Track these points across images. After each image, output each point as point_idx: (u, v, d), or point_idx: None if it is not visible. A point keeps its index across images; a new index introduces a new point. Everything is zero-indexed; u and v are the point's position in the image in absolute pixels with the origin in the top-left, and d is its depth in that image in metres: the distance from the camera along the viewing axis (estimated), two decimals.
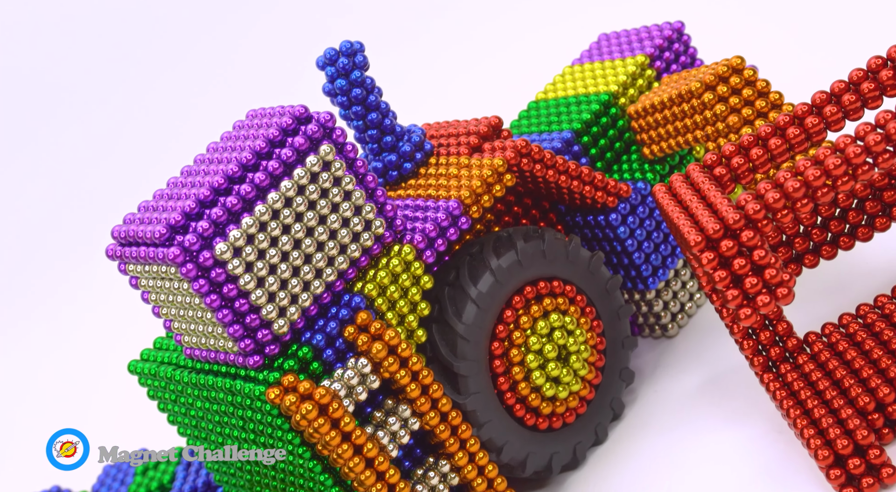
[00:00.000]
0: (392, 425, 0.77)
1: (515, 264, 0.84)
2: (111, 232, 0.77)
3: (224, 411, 0.79)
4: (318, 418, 0.72)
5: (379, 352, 0.76)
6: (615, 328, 0.90)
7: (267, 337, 0.74)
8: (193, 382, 0.80)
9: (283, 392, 0.73)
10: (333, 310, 0.77)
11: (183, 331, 0.79)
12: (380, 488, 0.74)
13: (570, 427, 0.87)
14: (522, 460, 0.84)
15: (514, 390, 0.84)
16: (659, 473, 0.83)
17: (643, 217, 0.93)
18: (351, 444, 0.73)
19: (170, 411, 0.87)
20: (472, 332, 0.82)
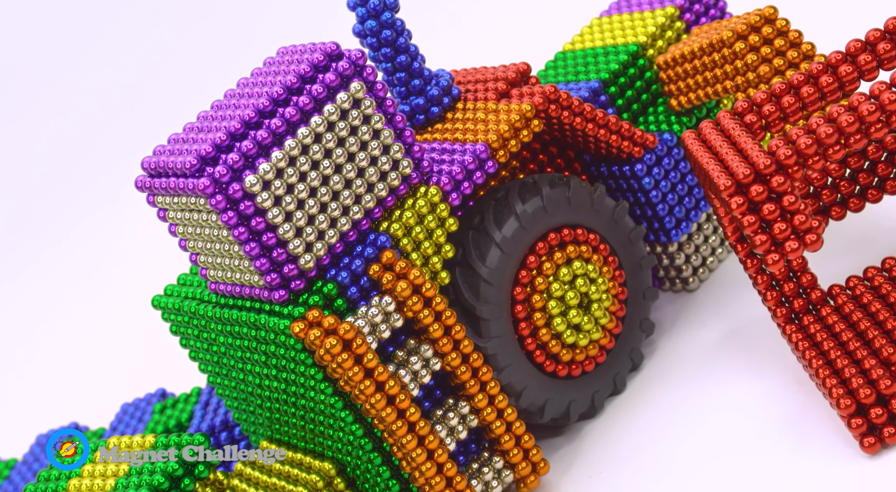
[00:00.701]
0: (414, 364, 0.77)
1: (540, 210, 0.84)
2: (141, 163, 0.77)
3: (247, 346, 0.80)
4: (342, 354, 0.73)
5: (403, 291, 0.76)
6: (637, 279, 0.90)
7: (293, 272, 0.74)
8: (217, 316, 0.80)
9: (307, 327, 0.73)
10: (359, 248, 0.77)
11: (209, 265, 0.80)
12: (400, 426, 0.75)
13: (589, 376, 0.88)
14: (541, 406, 0.85)
15: (535, 336, 0.85)
16: (677, 423, 0.84)
17: (668, 169, 0.93)
18: (373, 380, 0.74)
19: (191, 347, 0.88)
20: (495, 276, 0.82)
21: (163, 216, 0.79)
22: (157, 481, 0.69)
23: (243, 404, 0.88)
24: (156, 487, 0.69)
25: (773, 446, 0.76)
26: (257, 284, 0.76)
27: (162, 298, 0.87)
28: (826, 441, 0.73)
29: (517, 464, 0.81)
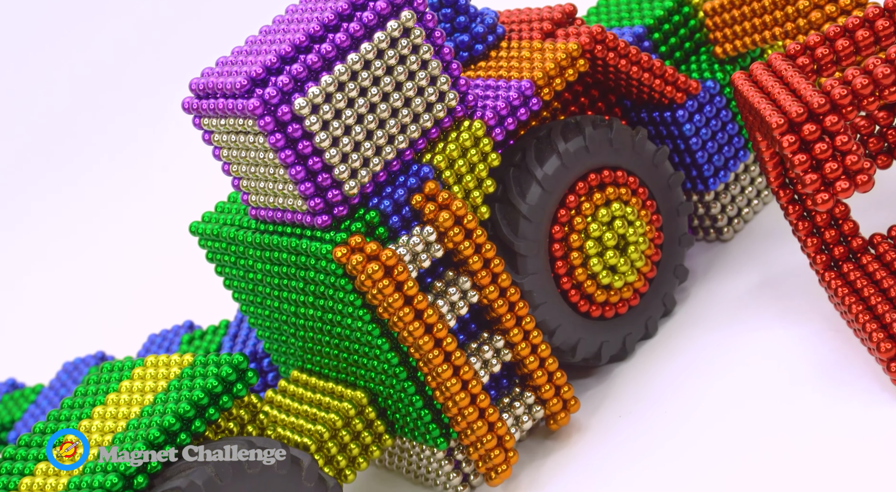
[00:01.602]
0: (451, 295, 0.77)
1: (582, 150, 0.84)
2: (189, 85, 0.77)
3: (285, 273, 0.80)
4: (383, 279, 0.73)
5: (445, 221, 0.76)
6: (673, 224, 0.90)
7: (337, 197, 0.75)
8: (257, 242, 0.81)
9: (349, 252, 0.73)
10: (402, 178, 0.77)
11: (251, 189, 0.80)
12: (436, 355, 0.75)
13: (622, 318, 0.88)
14: (573, 345, 0.85)
15: (571, 276, 0.85)
16: (708, 368, 0.84)
17: (709, 116, 0.93)
18: (412, 308, 0.74)
19: (226, 275, 0.88)
20: (534, 212, 0.82)
21: (208, 139, 0.79)
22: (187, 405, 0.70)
23: (275, 334, 0.89)
24: (190, 406, 0.70)
25: (808, 392, 0.76)
26: (300, 208, 0.76)
27: (200, 224, 0.87)
28: (863, 386, 0.73)
29: (548, 400, 0.81)
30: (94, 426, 0.72)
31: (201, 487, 0.66)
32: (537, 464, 0.82)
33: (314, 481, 0.72)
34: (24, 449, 0.72)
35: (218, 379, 0.71)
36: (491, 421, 0.78)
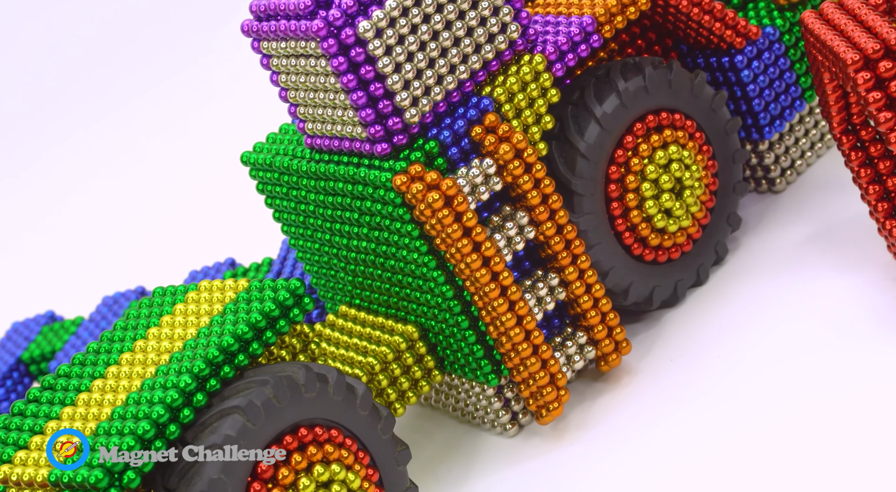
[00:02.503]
0: (508, 230, 0.77)
1: (641, 90, 0.83)
2: (249, 6, 0.76)
3: (339, 203, 0.79)
4: (443, 209, 0.72)
5: (506, 153, 0.75)
6: (728, 171, 0.89)
7: (397, 125, 0.74)
8: (312, 171, 0.80)
9: (409, 180, 0.73)
10: (461, 109, 0.76)
11: (308, 117, 0.79)
12: (493, 288, 0.75)
13: (674, 264, 0.87)
14: (625, 288, 0.84)
15: (626, 217, 0.84)
16: (761, 316, 0.83)
17: (768, 63, 0.91)
18: (471, 240, 0.74)
19: (277, 207, 0.87)
20: (592, 151, 0.81)
21: (266, 64, 0.78)
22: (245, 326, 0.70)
23: (323, 269, 0.88)
24: (248, 328, 0.70)
25: (863, 341, 0.76)
26: (359, 136, 0.75)
27: (251, 154, 0.87)
28: None
29: (600, 341, 0.81)
30: (149, 347, 0.72)
31: (260, 407, 0.66)
32: (587, 405, 0.82)
33: (368, 410, 0.72)
34: (78, 367, 0.72)
35: (275, 303, 0.71)
36: (544, 358, 0.77)
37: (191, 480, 0.63)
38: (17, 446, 0.66)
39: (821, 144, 0.97)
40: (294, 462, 0.67)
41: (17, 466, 0.64)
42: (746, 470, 0.71)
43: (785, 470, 0.69)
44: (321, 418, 0.69)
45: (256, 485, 0.65)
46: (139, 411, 0.64)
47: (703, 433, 0.75)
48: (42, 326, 1.17)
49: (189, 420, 0.65)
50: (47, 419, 0.68)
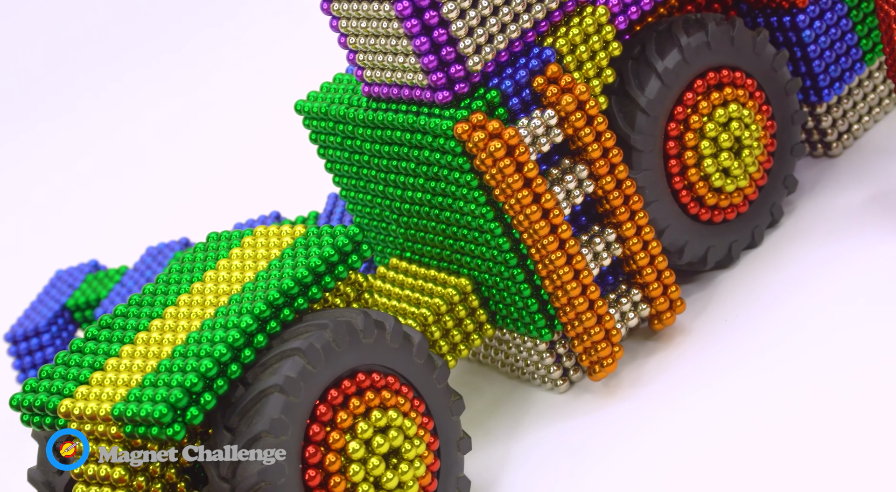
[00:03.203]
0: (568, 183, 0.76)
1: (704, 46, 0.81)
2: None
3: (396, 152, 0.79)
4: (505, 159, 0.72)
5: (568, 105, 0.74)
6: (786, 133, 0.88)
7: (459, 73, 0.73)
8: (369, 119, 0.79)
9: (471, 129, 0.72)
10: (523, 60, 0.75)
11: (367, 64, 0.78)
12: (551, 241, 0.74)
13: (729, 224, 0.86)
14: (681, 247, 0.83)
15: (684, 176, 0.83)
16: (817, 280, 0.82)
17: (830, 24, 0.90)
18: (531, 191, 0.73)
19: (329, 157, 0.87)
20: (652, 106, 0.80)
21: (327, 8, 0.77)
22: (305, 270, 0.69)
23: (375, 221, 0.88)
24: (308, 272, 0.69)
25: None
26: (420, 83, 0.74)
27: (305, 103, 0.86)
28: None
29: (655, 299, 0.80)
30: (206, 289, 0.72)
31: (319, 350, 0.66)
32: (639, 363, 0.81)
33: (423, 359, 0.72)
34: (136, 307, 0.72)
35: (334, 248, 0.71)
36: (600, 313, 0.77)
37: (252, 419, 0.63)
38: (77, 382, 0.67)
39: (878, 109, 0.95)
40: (352, 406, 0.67)
41: (80, 400, 0.65)
42: (800, 435, 0.70)
43: (839, 437, 0.69)
44: (378, 365, 0.69)
45: (315, 427, 0.65)
46: (200, 349, 0.64)
47: (756, 396, 0.75)
48: (86, 275, 1.18)
49: (250, 361, 0.65)
50: (106, 357, 0.68)
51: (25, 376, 1.10)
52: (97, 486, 0.65)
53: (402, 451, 0.68)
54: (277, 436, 0.63)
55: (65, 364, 0.69)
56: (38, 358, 1.11)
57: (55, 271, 1.21)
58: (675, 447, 0.74)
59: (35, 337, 1.11)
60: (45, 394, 0.67)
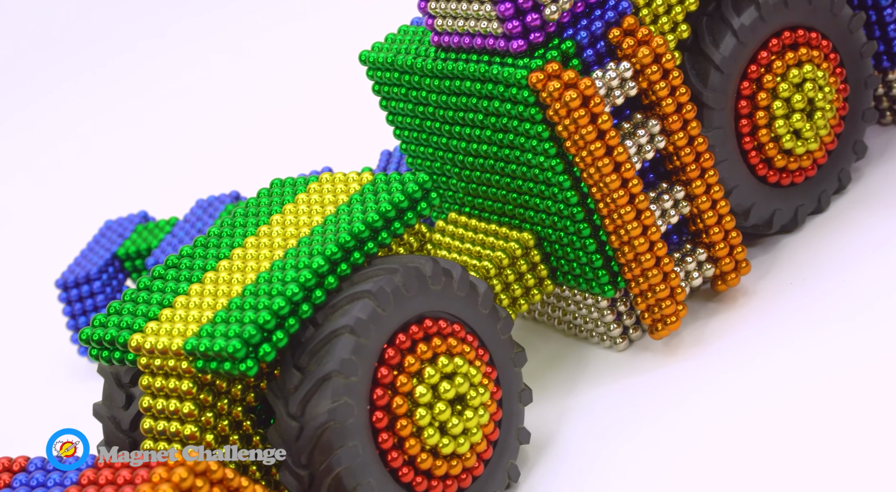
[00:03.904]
0: (640, 137, 0.75)
1: (781, 4, 0.80)
2: None
3: (464, 103, 0.78)
4: (580, 109, 0.71)
5: (644, 57, 0.73)
6: (858, 97, 0.86)
7: (535, 22, 0.72)
8: (438, 69, 0.79)
9: (546, 78, 0.71)
10: (599, 11, 0.74)
11: (439, 12, 0.77)
12: (621, 195, 0.73)
13: (796, 188, 0.85)
14: (747, 209, 0.82)
15: (754, 136, 0.82)
16: (881, 247, 0.81)
17: None
18: (604, 143, 0.72)
19: (392, 109, 0.86)
20: (726, 64, 0.79)
21: None
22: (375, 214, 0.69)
23: (436, 174, 0.87)
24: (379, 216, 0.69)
25: None
26: (495, 32, 0.74)
27: (370, 53, 0.85)
28: None
29: (721, 259, 0.79)
30: (273, 232, 0.72)
31: (389, 294, 0.65)
32: (701, 324, 0.81)
33: (489, 309, 0.71)
34: (202, 249, 0.72)
35: (404, 194, 0.70)
36: (666, 271, 0.76)
37: (322, 359, 0.63)
38: (146, 318, 0.67)
39: None
40: (420, 351, 0.66)
41: (150, 335, 0.65)
42: (862, 407, 0.69)
43: None
44: (445, 313, 0.69)
45: (384, 370, 0.65)
46: (272, 289, 0.64)
47: (821, 362, 0.74)
48: (136, 225, 1.18)
49: (320, 301, 0.65)
50: (175, 295, 0.68)
51: (75, 323, 1.11)
52: (166, 420, 0.65)
53: (467, 398, 0.68)
54: (347, 376, 0.63)
55: (133, 301, 0.69)
56: (89, 305, 1.12)
57: (104, 221, 1.21)
58: (736, 410, 0.73)
59: (86, 284, 1.12)
60: (115, 329, 0.67)
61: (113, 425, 0.70)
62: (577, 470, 0.73)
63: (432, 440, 0.66)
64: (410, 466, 0.66)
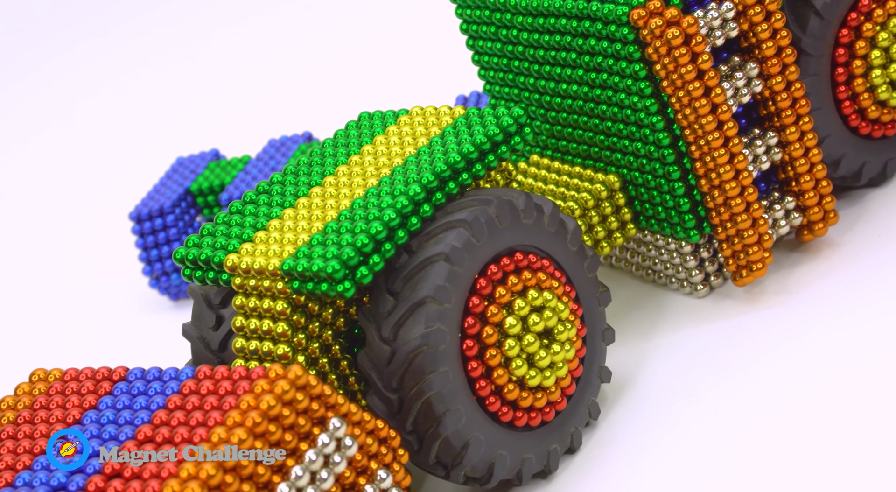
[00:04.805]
0: (737, 80, 0.74)
1: None
2: None
3: (557, 42, 0.77)
4: (681, 47, 0.70)
5: None
6: None
7: None
8: (533, 6, 0.78)
9: (648, 15, 0.70)
10: None
11: None
12: (716, 137, 0.73)
13: (888, 141, 0.84)
14: (837, 159, 0.81)
15: (850, 85, 0.80)
16: None
17: None
18: (703, 84, 0.71)
19: (479, 49, 0.85)
20: (827, 9, 0.77)
21: None
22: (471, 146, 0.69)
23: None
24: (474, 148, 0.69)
25: None
26: None
27: None
28: None
29: (810, 208, 0.78)
30: (365, 161, 0.72)
31: (484, 224, 0.65)
32: (784, 273, 0.80)
33: (577, 247, 0.71)
34: (292, 176, 0.73)
35: (500, 128, 0.70)
36: (755, 216, 0.75)
37: (416, 285, 0.63)
38: (240, 239, 0.67)
39: None
40: (510, 283, 0.67)
41: (245, 255, 0.65)
42: None
43: None
44: (535, 247, 0.69)
45: (475, 299, 0.65)
46: (368, 214, 0.64)
47: None
48: (208, 162, 1.19)
49: (415, 229, 0.65)
50: (268, 219, 0.69)
51: (147, 255, 1.12)
52: (258, 340, 0.66)
53: (554, 332, 0.68)
54: (441, 303, 0.63)
55: (226, 224, 0.70)
56: (161, 238, 1.13)
57: (175, 158, 1.22)
58: (819, 362, 0.72)
59: (159, 217, 1.13)
60: (210, 249, 0.67)
61: (202, 345, 0.71)
62: (655, 413, 0.73)
63: (520, 371, 0.66)
64: (497, 395, 0.66)
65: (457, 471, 0.65)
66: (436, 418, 0.63)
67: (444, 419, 0.63)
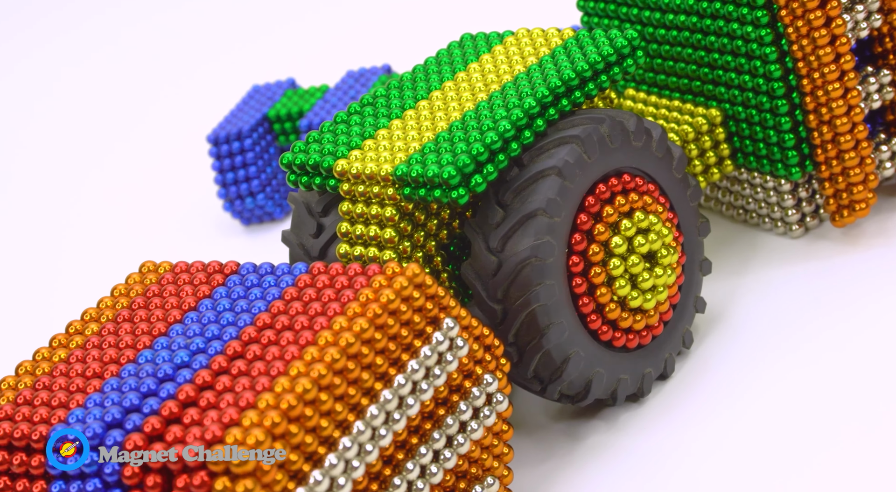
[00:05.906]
0: (857, 13, 0.72)
1: None
2: None
3: None
4: None
5: None
6: None
7: None
8: None
9: None
10: None
11: None
12: (832, 70, 0.71)
13: None
14: None
15: None
16: None
17: None
18: (825, 14, 0.70)
19: None
20: None
21: None
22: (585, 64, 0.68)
23: None
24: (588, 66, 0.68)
25: None
26: None
27: None
28: None
29: None
30: (473, 78, 0.71)
31: (596, 142, 0.65)
32: (884, 217, 0.79)
33: (681, 174, 0.71)
34: (396, 91, 0.72)
35: (613, 48, 0.69)
36: (863, 155, 0.74)
37: (526, 197, 0.63)
38: (349, 147, 0.67)
39: None
40: (617, 204, 0.66)
41: (355, 161, 0.65)
42: None
43: None
44: (642, 171, 0.69)
45: (583, 216, 0.65)
46: (482, 124, 0.64)
47: None
48: (285, 90, 1.19)
49: (528, 142, 0.65)
50: (375, 129, 0.69)
51: (223, 178, 1.13)
52: (363, 246, 0.66)
53: (657, 255, 0.68)
54: (551, 216, 0.63)
55: (332, 132, 0.70)
56: (238, 161, 1.13)
57: (252, 85, 1.22)
58: None
59: (237, 140, 1.13)
60: (318, 155, 0.67)
61: (301, 252, 0.71)
62: (748, 347, 0.73)
63: (622, 291, 0.66)
64: (599, 314, 0.66)
65: (553, 386, 0.65)
66: (539, 330, 0.63)
67: (547, 332, 0.63)
